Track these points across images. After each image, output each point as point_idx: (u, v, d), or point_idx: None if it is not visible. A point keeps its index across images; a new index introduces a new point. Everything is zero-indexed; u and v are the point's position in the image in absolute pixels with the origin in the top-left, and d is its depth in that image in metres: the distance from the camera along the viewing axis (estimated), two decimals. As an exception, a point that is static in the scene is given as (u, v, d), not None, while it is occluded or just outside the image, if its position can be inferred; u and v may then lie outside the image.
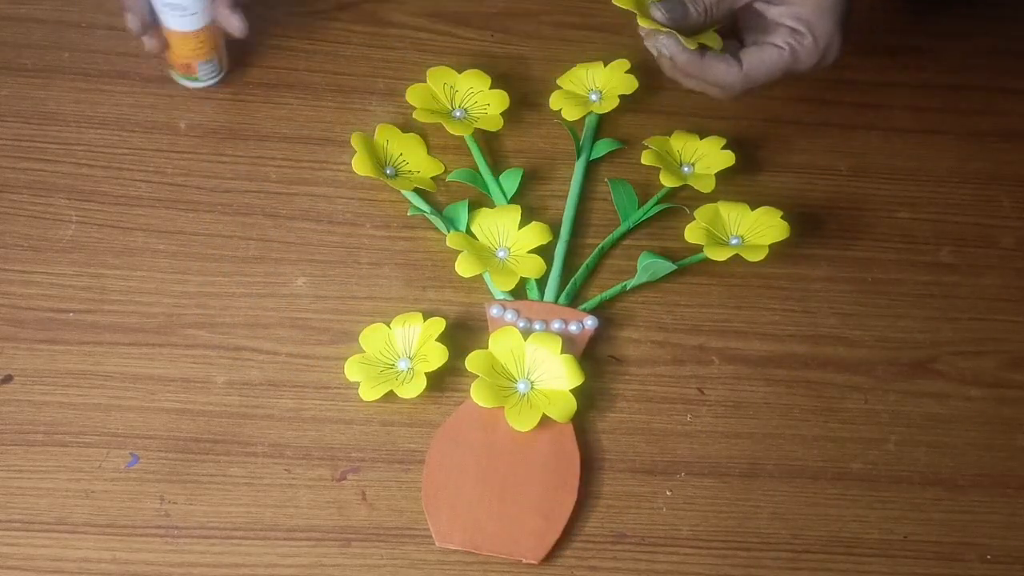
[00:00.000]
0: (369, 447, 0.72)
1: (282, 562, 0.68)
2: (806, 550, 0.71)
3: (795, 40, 0.74)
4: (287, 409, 0.73)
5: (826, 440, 0.75)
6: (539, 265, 0.78)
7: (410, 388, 0.72)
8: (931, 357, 0.78)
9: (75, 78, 0.85)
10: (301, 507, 0.70)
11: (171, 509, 0.69)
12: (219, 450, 0.71)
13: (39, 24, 0.87)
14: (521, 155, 0.84)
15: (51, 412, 0.71)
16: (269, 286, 0.77)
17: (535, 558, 0.69)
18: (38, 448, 0.70)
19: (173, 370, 0.73)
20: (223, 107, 0.84)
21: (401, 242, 0.80)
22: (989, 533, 0.72)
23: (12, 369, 0.73)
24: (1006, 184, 0.86)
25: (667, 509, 0.71)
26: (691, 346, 0.77)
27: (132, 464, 0.70)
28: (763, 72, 0.74)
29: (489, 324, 0.76)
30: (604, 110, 0.85)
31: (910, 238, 0.83)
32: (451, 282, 0.78)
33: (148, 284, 0.77)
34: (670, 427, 0.74)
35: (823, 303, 0.80)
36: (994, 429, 0.76)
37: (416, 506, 0.70)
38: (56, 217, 0.79)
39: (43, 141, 0.82)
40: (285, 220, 0.80)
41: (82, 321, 0.75)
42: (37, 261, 0.77)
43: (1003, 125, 0.89)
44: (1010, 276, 0.82)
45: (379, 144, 0.82)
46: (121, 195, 0.80)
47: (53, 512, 0.68)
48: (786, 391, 0.76)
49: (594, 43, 0.90)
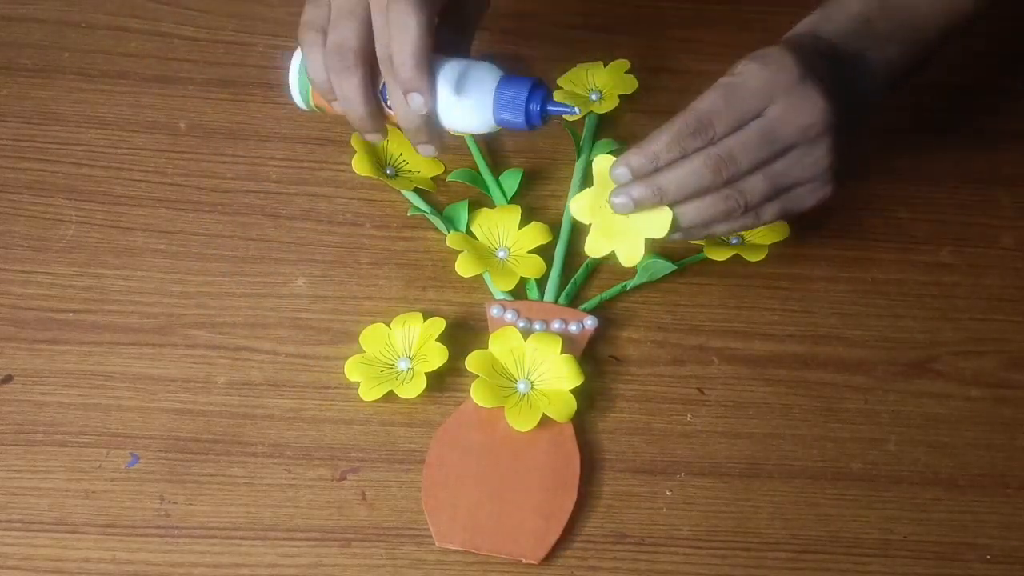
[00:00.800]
0: (369, 447, 0.72)
1: (282, 562, 0.68)
2: (806, 550, 0.71)
3: None
4: (287, 409, 0.73)
5: (826, 440, 0.75)
6: (539, 265, 0.78)
7: (410, 388, 0.72)
8: (931, 357, 0.78)
9: (75, 78, 0.85)
10: (301, 507, 0.70)
11: (171, 509, 0.69)
12: (219, 450, 0.71)
13: (39, 24, 0.87)
14: (521, 155, 0.84)
15: (51, 412, 0.71)
16: (269, 286, 0.77)
17: (535, 558, 0.69)
18: (38, 448, 0.70)
19: (173, 370, 0.73)
20: (223, 107, 0.84)
21: (401, 242, 0.80)
22: (989, 533, 0.72)
23: (12, 369, 0.73)
24: (1006, 184, 0.86)
25: (667, 509, 0.71)
26: (691, 346, 0.77)
27: (132, 464, 0.70)
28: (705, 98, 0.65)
29: (489, 324, 0.76)
30: (604, 110, 0.85)
31: (910, 238, 0.83)
32: (451, 282, 0.78)
33: (148, 284, 0.77)
34: (670, 427, 0.74)
35: (823, 303, 0.80)
36: (994, 429, 0.76)
37: (416, 506, 0.70)
38: (56, 217, 0.79)
39: (43, 141, 0.82)
40: (285, 220, 0.80)
41: (82, 321, 0.75)
42: (37, 261, 0.77)
43: (1003, 125, 0.89)
44: (1010, 276, 0.82)
45: (379, 144, 0.82)
46: (121, 195, 0.80)
47: (53, 512, 0.68)
48: (786, 391, 0.76)
49: (594, 43, 0.90)
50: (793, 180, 0.68)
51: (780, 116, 0.66)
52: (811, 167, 0.68)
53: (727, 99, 0.65)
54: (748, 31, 0.90)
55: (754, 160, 0.66)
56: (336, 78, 0.68)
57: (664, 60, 0.90)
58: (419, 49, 0.66)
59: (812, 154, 0.67)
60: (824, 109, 0.66)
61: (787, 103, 0.66)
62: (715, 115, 0.65)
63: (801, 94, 0.66)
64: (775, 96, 0.66)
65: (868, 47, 0.70)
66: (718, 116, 0.65)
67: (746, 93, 0.66)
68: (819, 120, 0.66)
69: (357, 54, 0.68)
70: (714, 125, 0.65)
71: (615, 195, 0.68)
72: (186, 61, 0.86)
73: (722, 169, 0.66)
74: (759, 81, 0.66)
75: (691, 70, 0.89)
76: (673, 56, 0.90)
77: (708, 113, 0.65)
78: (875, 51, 0.70)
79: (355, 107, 0.69)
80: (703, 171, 0.66)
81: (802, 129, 0.66)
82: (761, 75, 0.66)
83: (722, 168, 0.66)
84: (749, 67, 0.66)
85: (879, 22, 0.70)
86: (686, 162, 0.66)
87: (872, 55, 0.70)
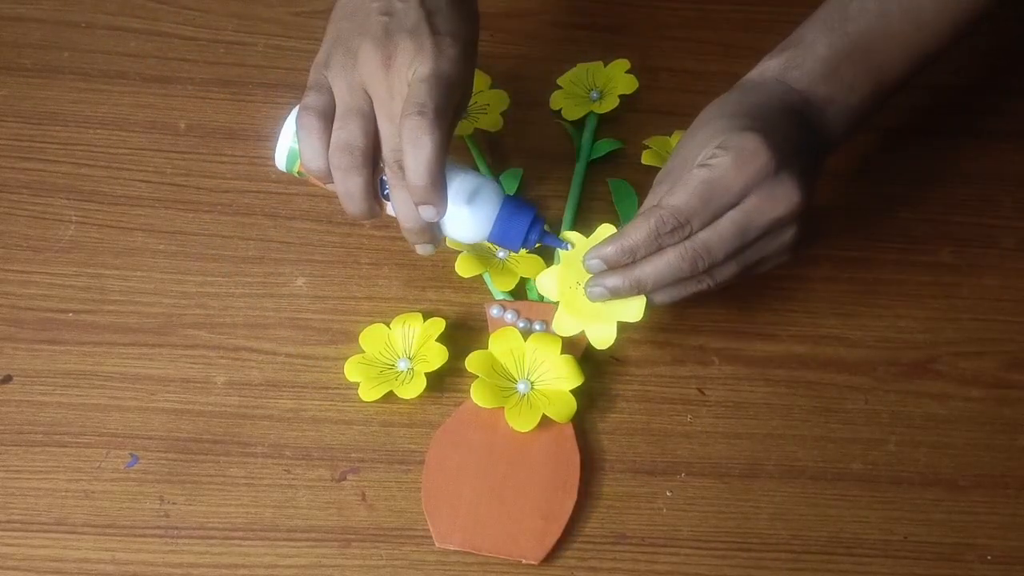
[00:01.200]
0: (369, 447, 0.72)
1: (282, 562, 0.68)
2: (806, 550, 0.71)
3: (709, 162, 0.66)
4: (287, 409, 0.73)
5: (826, 440, 0.74)
6: (539, 265, 0.78)
7: (410, 388, 0.72)
8: (931, 357, 0.78)
9: (75, 78, 0.85)
10: (301, 507, 0.70)
11: (171, 509, 0.69)
12: (219, 450, 0.71)
13: (39, 24, 0.87)
14: (521, 155, 0.84)
15: (51, 412, 0.71)
16: (269, 286, 0.77)
17: (535, 559, 0.68)
18: (38, 448, 0.70)
19: (173, 370, 0.73)
20: (223, 107, 0.84)
21: (401, 242, 0.80)
22: (989, 533, 0.72)
23: (12, 369, 0.73)
24: (1006, 184, 0.86)
25: (667, 510, 0.71)
26: (691, 346, 0.77)
27: (131, 464, 0.70)
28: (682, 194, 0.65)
29: (489, 324, 0.76)
30: (604, 110, 0.85)
31: (910, 238, 0.83)
32: (451, 282, 0.78)
33: (148, 284, 0.76)
34: (670, 427, 0.74)
35: (823, 303, 0.80)
36: (994, 429, 0.76)
37: (416, 506, 0.70)
38: (56, 217, 0.79)
39: (43, 141, 0.82)
40: (285, 220, 0.80)
41: (82, 321, 0.75)
42: (37, 261, 0.77)
43: (1003, 125, 0.89)
44: (1010, 276, 0.82)
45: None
46: (121, 195, 0.80)
47: (53, 512, 0.68)
48: (786, 391, 0.76)
49: (594, 43, 0.90)
50: (759, 259, 0.69)
51: (755, 209, 0.66)
52: (778, 247, 0.69)
53: (704, 198, 0.66)
54: (748, 31, 0.90)
55: (728, 251, 0.67)
56: (341, 175, 0.68)
57: (664, 60, 0.90)
58: (434, 166, 0.67)
59: (781, 238, 0.68)
60: (797, 202, 0.67)
61: (763, 196, 0.66)
62: (692, 214, 0.66)
63: (776, 187, 0.66)
64: (751, 189, 0.66)
65: (834, 93, 0.71)
66: (695, 214, 0.66)
67: (723, 191, 0.66)
68: (793, 211, 0.67)
69: (364, 154, 0.68)
70: (691, 223, 0.66)
71: (591, 285, 0.69)
72: (186, 61, 0.86)
73: (698, 262, 0.67)
74: (736, 178, 0.66)
75: (691, 70, 0.89)
76: (673, 56, 0.90)
77: (685, 212, 0.66)
78: (840, 97, 0.71)
79: (356, 204, 0.69)
80: (680, 264, 0.67)
81: (776, 220, 0.67)
82: (739, 173, 0.66)
83: (698, 261, 0.67)
84: (724, 162, 0.66)
85: (845, 69, 0.71)
86: (663, 256, 0.67)
87: (838, 101, 0.71)
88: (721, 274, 0.68)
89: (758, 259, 0.69)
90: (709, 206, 0.66)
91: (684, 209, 0.65)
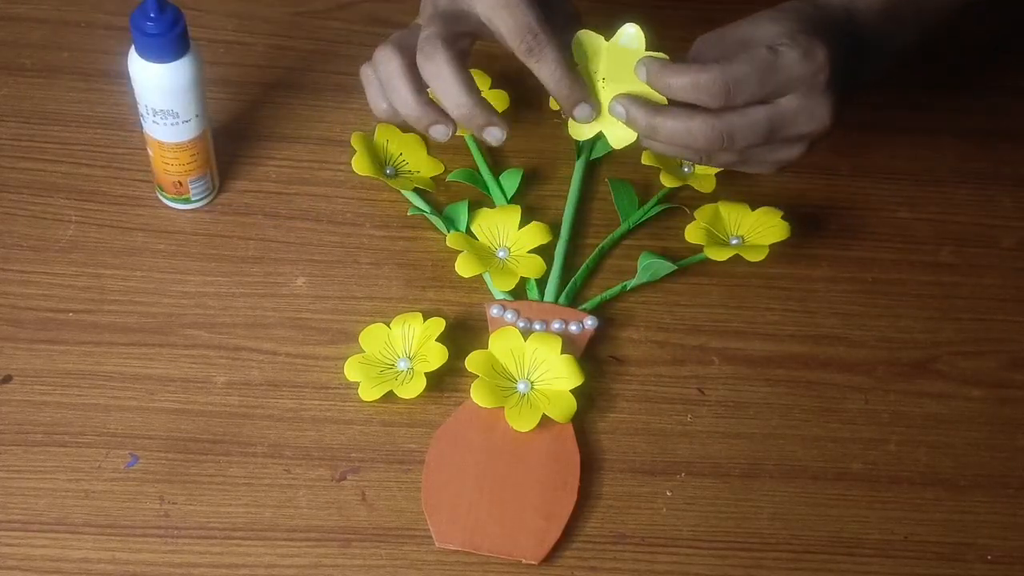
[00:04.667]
0: (369, 447, 0.72)
1: (282, 562, 0.68)
2: (806, 550, 0.71)
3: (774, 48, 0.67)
4: (287, 409, 0.73)
5: (826, 440, 0.74)
6: (539, 265, 0.78)
7: (410, 388, 0.72)
8: (931, 357, 0.78)
9: (75, 78, 0.85)
10: (301, 507, 0.70)
11: (171, 509, 0.69)
12: (219, 450, 0.71)
13: (39, 24, 0.87)
14: (521, 155, 0.84)
15: (51, 412, 0.71)
16: (269, 286, 0.77)
17: (535, 558, 0.68)
18: (38, 448, 0.70)
19: (173, 370, 0.73)
20: (223, 107, 0.84)
21: (401, 242, 0.80)
22: (990, 533, 0.72)
23: (12, 369, 0.73)
24: (1006, 184, 0.86)
25: (667, 509, 0.71)
26: (691, 346, 0.77)
27: (132, 464, 0.70)
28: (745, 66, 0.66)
29: (489, 324, 0.76)
30: (604, 110, 0.85)
31: (910, 238, 0.83)
32: (451, 282, 0.78)
33: (148, 284, 0.76)
34: (670, 427, 0.74)
35: (823, 303, 0.80)
36: (995, 429, 0.76)
37: (416, 506, 0.70)
38: (56, 217, 0.79)
39: (43, 141, 0.82)
40: (285, 220, 0.80)
41: (82, 321, 0.75)
42: (37, 261, 0.77)
43: (1003, 125, 0.89)
44: (1010, 276, 0.82)
45: (379, 144, 0.82)
46: (121, 195, 0.80)
47: (52, 512, 0.68)
48: (786, 391, 0.76)
49: (594, 43, 0.89)
50: (760, 159, 0.70)
51: (790, 113, 0.67)
52: (780, 157, 0.70)
53: (760, 77, 0.66)
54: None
55: (748, 144, 0.68)
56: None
57: (664, 60, 0.90)
58: None
59: (789, 151, 0.70)
60: (828, 125, 0.68)
61: (802, 104, 0.67)
62: (741, 87, 0.66)
63: (819, 104, 0.68)
64: (797, 89, 0.67)
65: (894, 31, 0.72)
66: (742, 89, 0.66)
67: (777, 78, 0.66)
68: (819, 131, 0.68)
69: None
70: (735, 96, 0.66)
71: (617, 100, 0.69)
72: (186, 61, 0.86)
73: (716, 142, 0.67)
74: (793, 71, 0.66)
75: (691, 70, 0.89)
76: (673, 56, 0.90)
77: (736, 83, 0.66)
78: (899, 35, 0.72)
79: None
80: (698, 136, 0.67)
81: (801, 135, 0.68)
82: (797, 67, 0.66)
83: (717, 141, 0.67)
84: (793, 55, 0.66)
85: (904, 8, 0.72)
86: (690, 120, 0.67)
87: (895, 39, 0.72)
88: (720, 159, 0.69)
89: (757, 160, 0.70)
90: (759, 86, 0.66)
91: (735, 80, 0.66)
